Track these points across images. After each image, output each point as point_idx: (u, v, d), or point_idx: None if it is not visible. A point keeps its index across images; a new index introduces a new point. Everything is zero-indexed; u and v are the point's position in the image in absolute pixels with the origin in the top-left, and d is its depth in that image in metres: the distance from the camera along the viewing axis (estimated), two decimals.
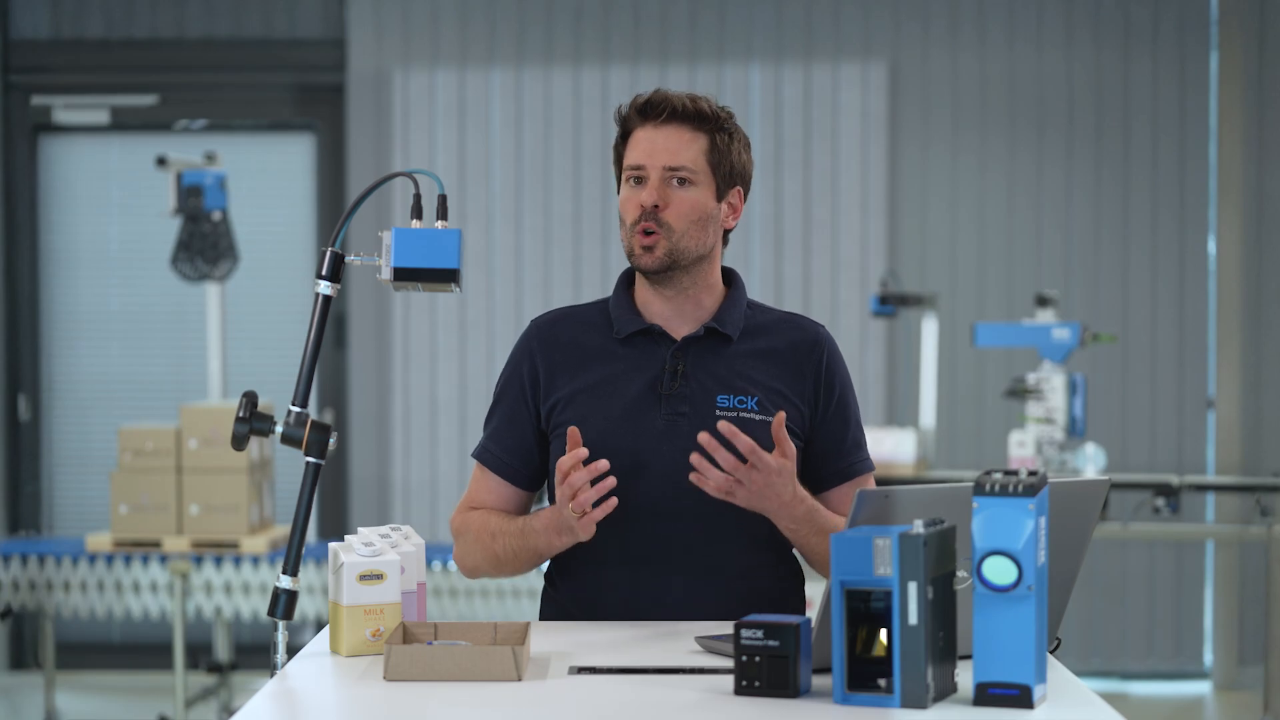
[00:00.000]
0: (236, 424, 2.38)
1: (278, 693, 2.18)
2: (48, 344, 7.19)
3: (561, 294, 6.85)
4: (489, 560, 2.69)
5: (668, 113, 2.65)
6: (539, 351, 2.73)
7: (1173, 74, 6.88)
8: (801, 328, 2.75)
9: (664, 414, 2.65)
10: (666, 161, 2.64)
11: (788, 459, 2.51)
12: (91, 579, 5.67)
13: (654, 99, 2.67)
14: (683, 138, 2.65)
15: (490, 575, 2.73)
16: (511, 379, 2.75)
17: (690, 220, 2.64)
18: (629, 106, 2.69)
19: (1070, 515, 2.22)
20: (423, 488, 6.90)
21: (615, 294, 2.76)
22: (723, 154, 2.67)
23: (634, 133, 2.68)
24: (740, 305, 2.74)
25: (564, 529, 2.55)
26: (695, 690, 2.14)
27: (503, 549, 2.66)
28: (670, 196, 2.64)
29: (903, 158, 6.93)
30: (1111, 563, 6.87)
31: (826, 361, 2.72)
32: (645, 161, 2.64)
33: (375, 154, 6.93)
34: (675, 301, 2.70)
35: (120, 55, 7.09)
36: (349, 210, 2.42)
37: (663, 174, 2.64)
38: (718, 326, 2.70)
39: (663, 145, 2.64)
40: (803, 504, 2.55)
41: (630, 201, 2.66)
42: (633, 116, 2.68)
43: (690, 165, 2.64)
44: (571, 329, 2.75)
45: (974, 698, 2.03)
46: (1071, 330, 5.74)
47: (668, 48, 6.92)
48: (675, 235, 2.63)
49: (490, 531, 2.68)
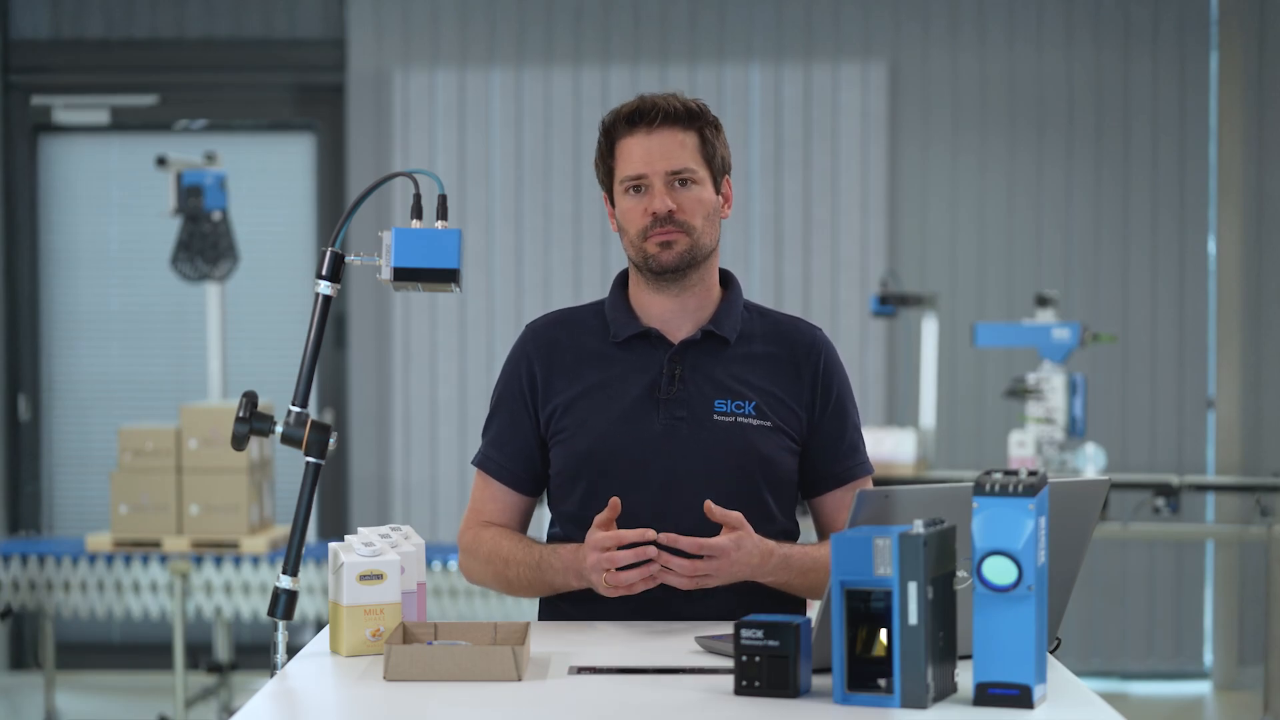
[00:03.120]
0: (236, 424, 2.38)
1: (278, 693, 2.18)
2: (48, 344, 7.19)
3: (561, 294, 6.85)
4: (499, 583, 2.71)
5: (660, 117, 2.65)
6: (536, 356, 2.73)
7: (1173, 74, 6.88)
8: (799, 331, 2.75)
9: (662, 418, 2.65)
10: (668, 166, 2.64)
11: (737, 528, 2.52)
12: (91, 579, 5.67)
13: (642, 106, 2.66)
14: (676, 139, 2.65)
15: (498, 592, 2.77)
16: (509, 384, 2.74)
17: (702, 216, 2.65)
18: (614, 117, 2.68)
19: (1070, 515, 2.22)
20: (423, 488, 6.90)
21: (611, 296, 2.76)
22: (713, 147, 2.68)
23: (622, 142, 2.66)
24: (737, 308, 2.74)
25: (583, 578, 2.58)
26: (695, 690, 2.14)
27: (516, 577, 2.68)
28: (678, 198, 2.64)
29: (903, 158, 6.93)
30: (1111, 563, 6.87)
31: (824, 365, 2.72)
32: (646, 169, 2.64)
33: (375, 154, 6.93)
34: (680, 300, 2.70)
35: (120, 55, 7.09)
36: (349, 210, 2.42)
37: (666, 179, 2.64)
38: (715, 330, 2.70)
39: (659, 150, 2.64)
40: (772, 557, 2.56)
41: (635, 211, 2.65)
42: (619, 126, 2.66)
43: (690, 164, 2.65)
44: (568, 332, 2.74)
45: (974, 698, 2.03)
46: (1071, 330, 5.74)
47: (668, 48, 6.92)
48: (695, 232, 2.64)
49: (504, 558, 2.68)
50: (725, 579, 2.54)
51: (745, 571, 2.54)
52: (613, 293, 2.76)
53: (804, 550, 2.61)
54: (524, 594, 2.71)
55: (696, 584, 2.52)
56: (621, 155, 2.67)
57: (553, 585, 2.64)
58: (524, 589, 2.69)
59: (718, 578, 2.53)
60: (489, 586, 2.74)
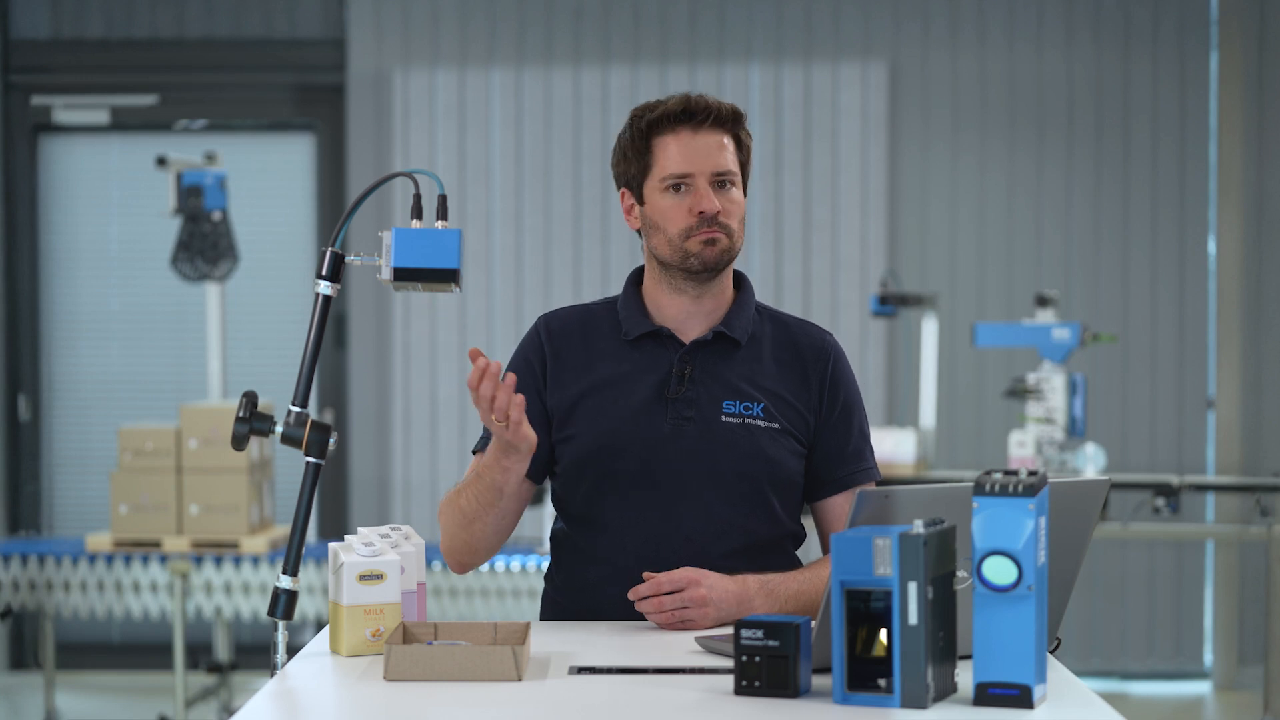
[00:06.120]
0: (236, 424, 2.38)
1: (278, 693, 2.18)
2: (48, 344, 7.19)
3: (561, 294, 6.85)
4: (460, 521, 2.62)
5: (711, 118, 2.63)
6: (548, 347, 2.72)
7: (1173, 74, 6.88)
8: (809, 335, 2.74)
9: (670, 418, 2.65)
10: (714, 167, 2.63)
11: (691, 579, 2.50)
12: (91, 579, 5.67)
13: (692, 106, 2.64)
14: (719, 141, 2.64)
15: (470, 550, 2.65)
16: (518, 370, 2.72)
17: (738, 219, 2.66)
18: (656, 113, 2.64)
19: (1070, 515, 2.22)
20: (423, 488, 6.90)
21: (624, 294, 2.75)
22: (746, 151, 2.69)
23: (661, 139, 2.64)
24: (749, 310, 2.73)
25: (506, 449, 2.49)
26: (695, 690, 2.14)
27: (467, 502, 2.60)
28: (720, 200, 2.63)
29: (903, 158, 6.93)
30: (1111, 563, 6.87)
31: (833, 370, 2.72)
32: (692, 169, 2.62)
33: (375, 154, 6.93)
34: (700, 301, 2.69)
35: (120, 55, 7.09)
36: (349, 210, 2.42)
37: (711, 179, 2.63)
38: (726, 331, 2.69)
39: (704, 151, 2.63)
40: (751, 585, 2.54)
41: (678, 209, 2.63)
42: (664, 123, 2.64)
43: (732, 167, 2.65)
44: (580, 328, 2.74)
45: (974, 698, 2.03)
46: (1071, 330, 5.74)
47: (668, 48, 6.92)
48: (734, 234, 2.64)
49: (456, 492, 2.63)
50: (712, 619, 2.50)
51: (733, 605, 2.51)
52: (626, 290, 2.75)
53: (787, 577, 2.58)
54: (483, 521, 2.60)
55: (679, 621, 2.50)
56: (662, 152, 2.64)
57: (495, 485, 2.54)
58: (478, 510, 2.59)
59: (702, 620, 2.50)
60: (458, 542, 2.64)
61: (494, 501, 2.58)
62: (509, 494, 2.57)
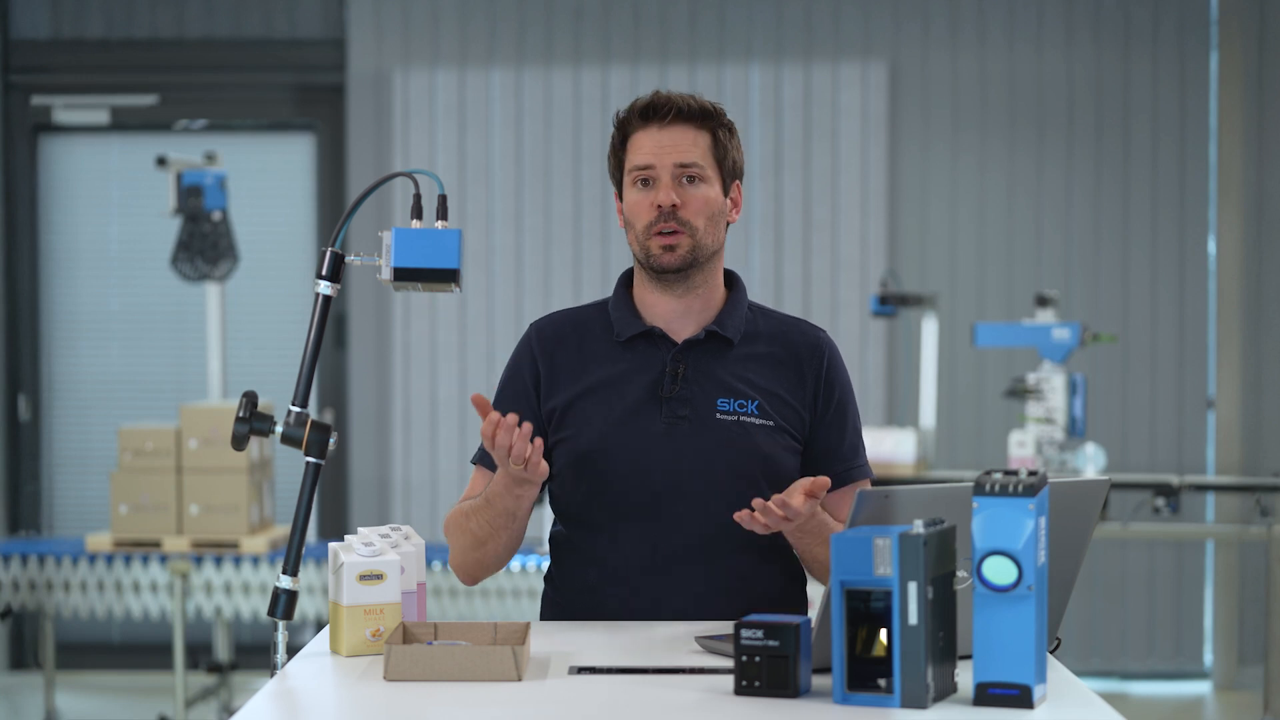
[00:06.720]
0: (236, 424, 2.38)
1: (278, 693, 2.18)
2: (48, 344, 7.19)
3: (561, 294, 6.85)
4: (471, 543, 2.64)
5: (672, 113, 2.64)
6: (540, 354, 2.72)
7: (1173, 74, 6.88)
8: (803, 332, 2.74)
9: (664, 417, 2.65)
10: (677, 159, 2.63)
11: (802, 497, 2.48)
12: (91, 579, 5.67)
13: (656, 101, 2.66)
14: (688, 136, 2.65)
15: (482, 566, 2.67)
16: (513, 381, 2.73)
17: (706, 216, 2.65)
18: (628, 111, 2.68)
19: (1070, 515, 2.22)
20: (423, 488, 6.90)
21: (615, 295, 2.75)
22: (725, 149, 2.68)
23: (634, 136, 2.66)
24: (741, 308, 2.73)
25: (519, 481, 2.51)
26: (695, 690, 2.14)
27: (478, 526, 2.61)
28: (685, 195, 2.63)
29: (903, 158, 6.93)
30: (1111, 563, 6.87)
31: (827, 366, 2.72)
32: (654, 161, 2.63)
33: (375, 154, 6.93)
34: (685, 301, 2.69)
35: (120, 55, 7.09)
36: (349, 210, 2.42)
37: (674, 172, 2.63)
38: (718, 330, 2.69)
39: (670, 144, 2.64)
40: (814, 518, 2.54)
41: (642, 204, 2.64)
42: (633, 120, 2.66)
43: (699, 161, 2.64)
44: (572, 331, 2.74)
45: (974, 698, 2.02)
46: (1071, 330, 5.74)
47: (668, 48, 6.92)
48: (698, 233, 2.63)
49: (465, 514, 2.64)
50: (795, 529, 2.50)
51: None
52: (617, 291, 2.76)
53: (826, 517, 2.56)
54: (495, 542, 2.62)
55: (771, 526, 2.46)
56: (633, 148, 2.66)
57: (508, 510, 2.56)
58: (490, 533, 2.60)
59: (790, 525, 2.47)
60: (469, 560, 2.66)
61: (507, 525, 2.61)
62: (521, 516, 2.60)
